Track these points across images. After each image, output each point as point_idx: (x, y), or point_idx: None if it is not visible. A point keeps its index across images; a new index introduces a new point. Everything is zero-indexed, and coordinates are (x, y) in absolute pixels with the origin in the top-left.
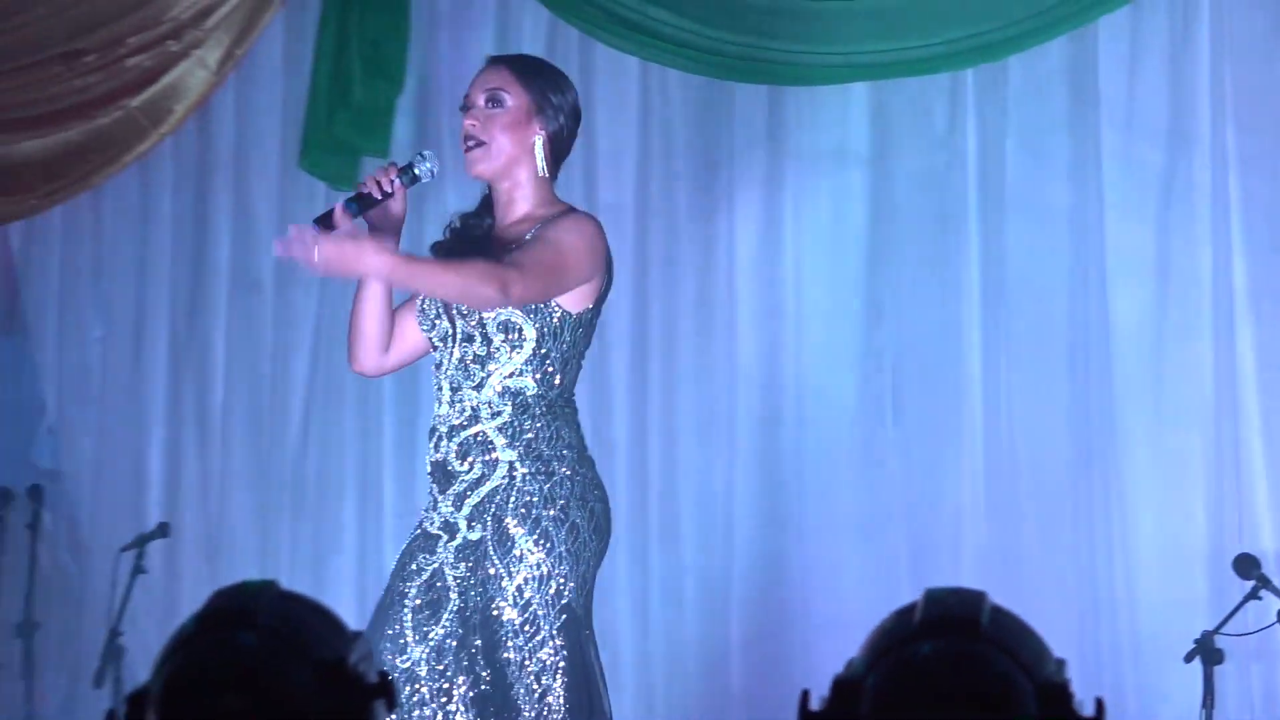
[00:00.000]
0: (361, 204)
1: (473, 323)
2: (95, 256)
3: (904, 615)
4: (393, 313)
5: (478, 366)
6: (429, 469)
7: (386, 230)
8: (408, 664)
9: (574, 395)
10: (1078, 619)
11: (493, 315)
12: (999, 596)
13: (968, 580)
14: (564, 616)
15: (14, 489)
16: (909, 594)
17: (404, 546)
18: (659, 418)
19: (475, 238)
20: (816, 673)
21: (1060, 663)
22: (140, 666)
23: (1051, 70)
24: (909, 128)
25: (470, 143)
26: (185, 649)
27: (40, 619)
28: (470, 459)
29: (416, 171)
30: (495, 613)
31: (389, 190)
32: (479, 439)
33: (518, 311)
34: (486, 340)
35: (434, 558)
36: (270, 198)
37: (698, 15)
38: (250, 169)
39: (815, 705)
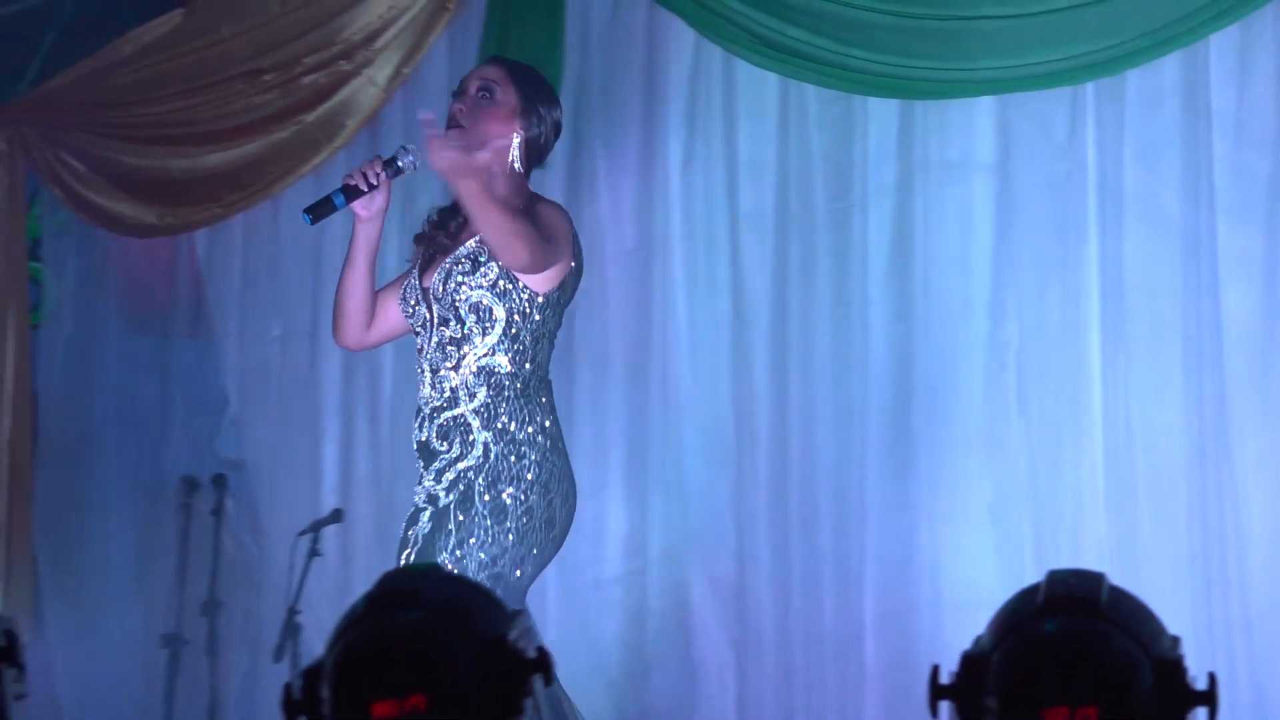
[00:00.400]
0: (349, 195)
1: (447, 306)
2: (273, 261)
3: (1028, 595)
4: (374, 293)
5: (454, 348)
6: (415, 447)
7: (373, 215)
8: None
9: (548, 375)
10: (1191, 600)
11: (464, 298)
12: (1117, 578)
13: (1088, 563)
14: (489, 581)
15: (199, 478)
16: (1032, 576)
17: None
18: (798, 411)
19: (450, 230)
20: (946, 649)
21: (1175, 639)
22: (316, 643)
23: (1165, 84)
24: (1032, 139)
25: (454, 123)
26: (355, 627)
27: (223, 599)
28: (450, 440)
29: (400, 164)
30: (432, 554)
31: (374, 182)
32: (458, 421)
33: (488, 293)
34: (460, 322)
35: (416, 527)
36: (434, 204)
37: (833, 34)
38: (416, 179)
39: (945, 679)
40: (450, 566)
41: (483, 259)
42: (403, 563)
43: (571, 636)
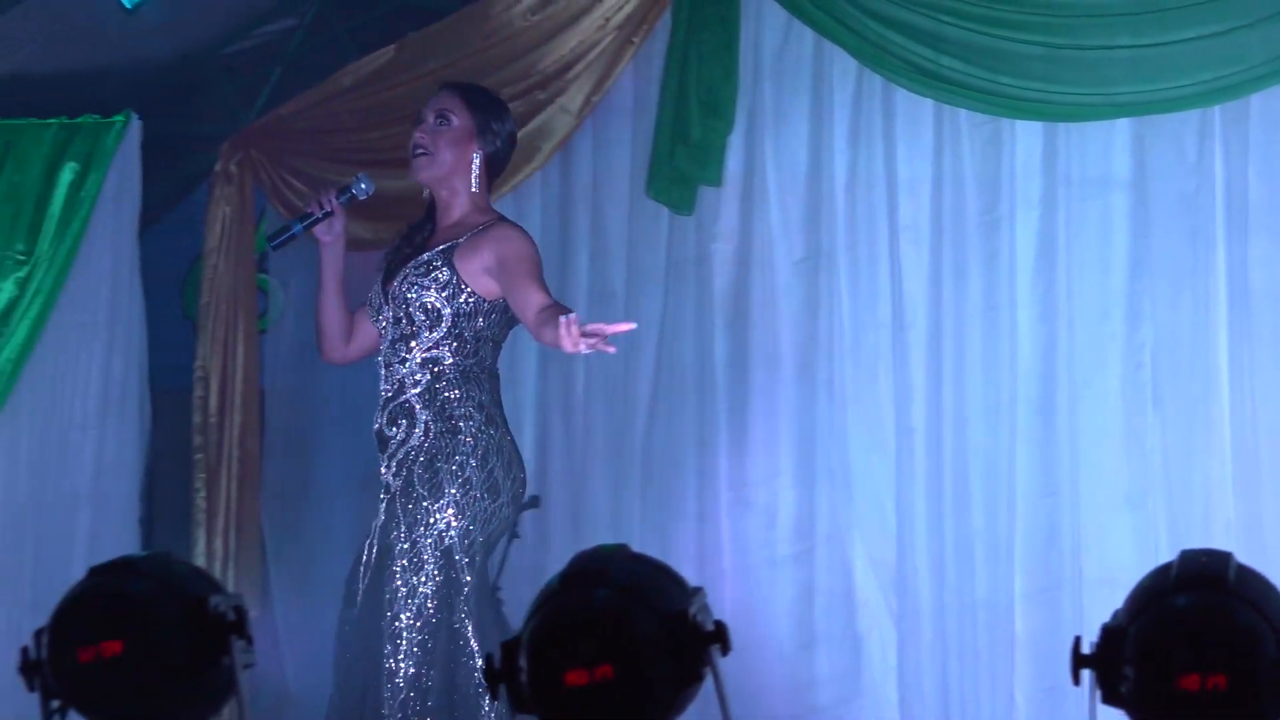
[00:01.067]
0: (305, 221)
1: (400, 306)
2: None
3: (1162, 572)
4: (349, 312)
5: (403, 344)
6: (374, 436)
7: (334, 239)
8: (356, 613)
9: (496, 369)
10: None
11: (415, 297)
12: (1244, 558)
13: (1217, 545)
14: (447, 559)
15: None
16: (1166, 556)
17: None
18: (952, 405)
19: (418, 242)
20: (1088, 622)
21: None
22: (516, 617)
23: None
24: (1164, 157)
25: (418, 151)
26: (550, 603)
27: None
28: (398, 424)
29: (353, 191)
30: (388, 546)
31: (328, 208)
32: (404, 406)
33: (440, 296)
34: (410, 320)
35: (377, 520)
36: (621, 221)
37: (984, 64)
38: (604, 197)
39: (1086, 650)
40: (404, 556)
41: (436, 265)
42: (366, 551)
43: (746, 611)
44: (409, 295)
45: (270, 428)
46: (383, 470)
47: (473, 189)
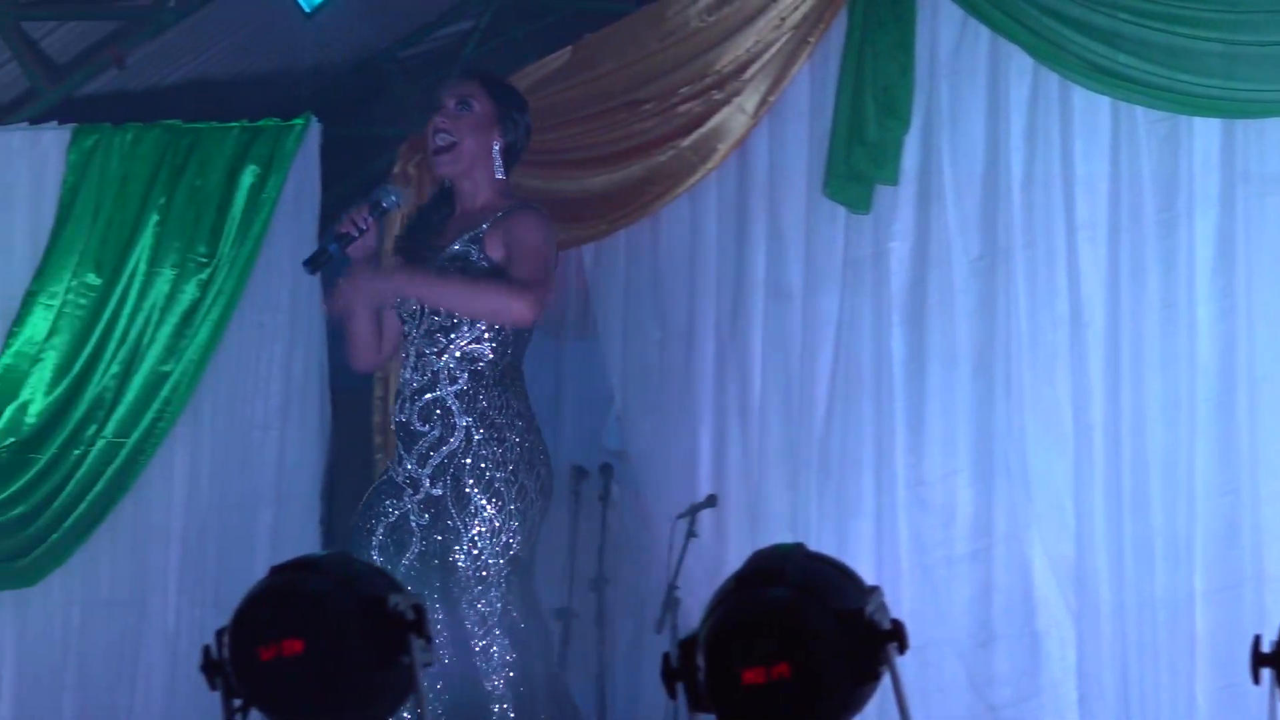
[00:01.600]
0: (342, 242)
1: None
2: (653, 272)
3: None
4: (378, 318)
5: (441, 335)
6: (394, 428)
7: (367, 255)
8: None
9: (522, 366)
10: None
11: None
12: None
13: None
14: (510, 567)
15: (588, 467)
16: None
17: (370, 490)
18: (1130, 403)
19: (432, 224)
20: (1268, 620)
21: None
22: (693, 616)
23: None
24: None
25: (441, 139)
26: (727, 601)
27: (610, 576)
28: (431, 421)
29: (384, 205)
30: (452, 560)
31: (364, 227)
32: (439, 403)
33: None
34: (449, 311)
35: (400, 504)
36: (798, 220)
37: (1162, 61)
38: (781, 196)
39: (1266, 648)
40: (467, 566)
41: (473, 256)
42: (376, 535)
43: (924, 609)
44: None
45: None
46: (410, 465)
47: (496, 176)
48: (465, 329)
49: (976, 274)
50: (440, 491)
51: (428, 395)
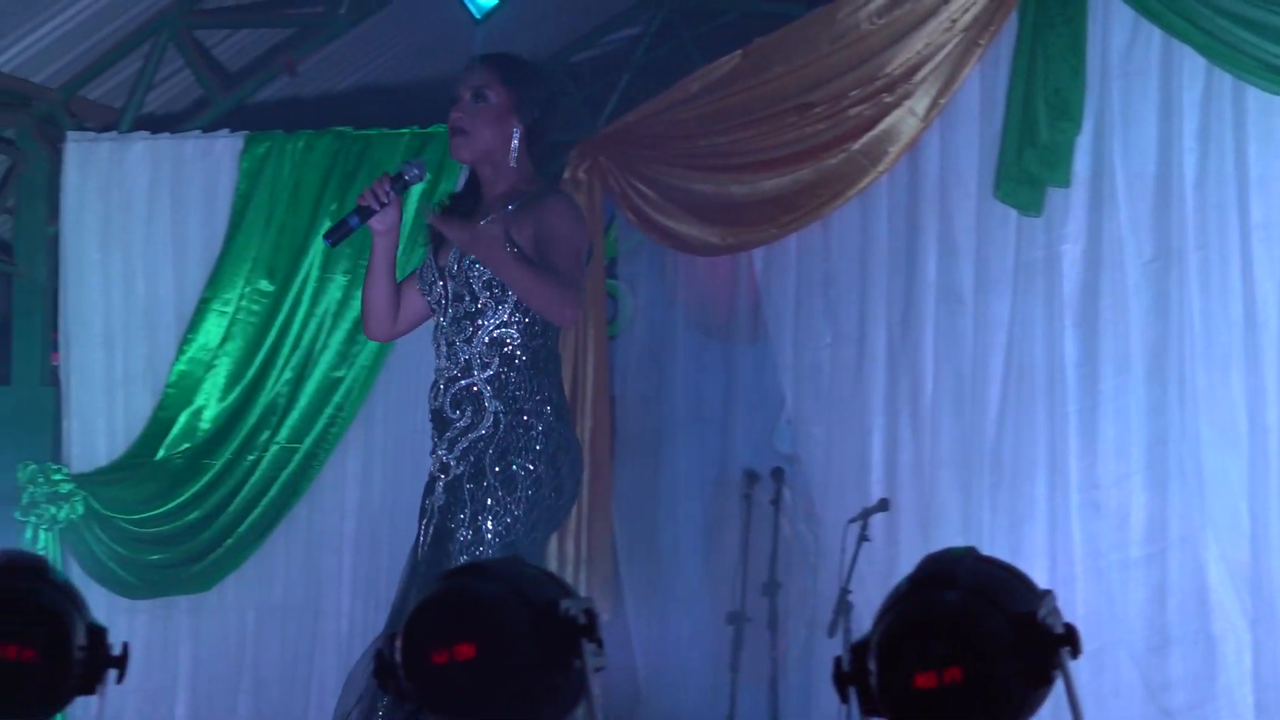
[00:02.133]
0: (363, 215)
1: (462, 282)
2: (824, 275)
3: None
4: (397, 287)
5: (469, 322)
6: (430, 416)
7: (388, 229)
8: (399, 594)
9: (558, 351)
10: None
11: (479, 273)
12: None
13: None
14: (505, 550)
15: (759, 471)
16: None
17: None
18: None
19: (464, 211)
20: None
21: None
22: (865, 619)
23: None
24: None
25: (456, 131)
26: (899, 605)
27: (782, 580)
28: (463, 408)
29: (406, 178)
30: (451, 527)
31: (385, 200)
32: (471, 390)
33: None
34: (474, 297)
35: (433, 498)
36: (969, 223)
37: None
38: (952, 199)
39: None
40: (465, 539)
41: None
42: (423, 533)
43: (1098, 613)
44: (471, 272)
45: (620, 432)
46: (441, 452)
47: (512, 164)
48: (490, 314)
49: (1149, 276)
50: (462, 470)
51: (461, 382)
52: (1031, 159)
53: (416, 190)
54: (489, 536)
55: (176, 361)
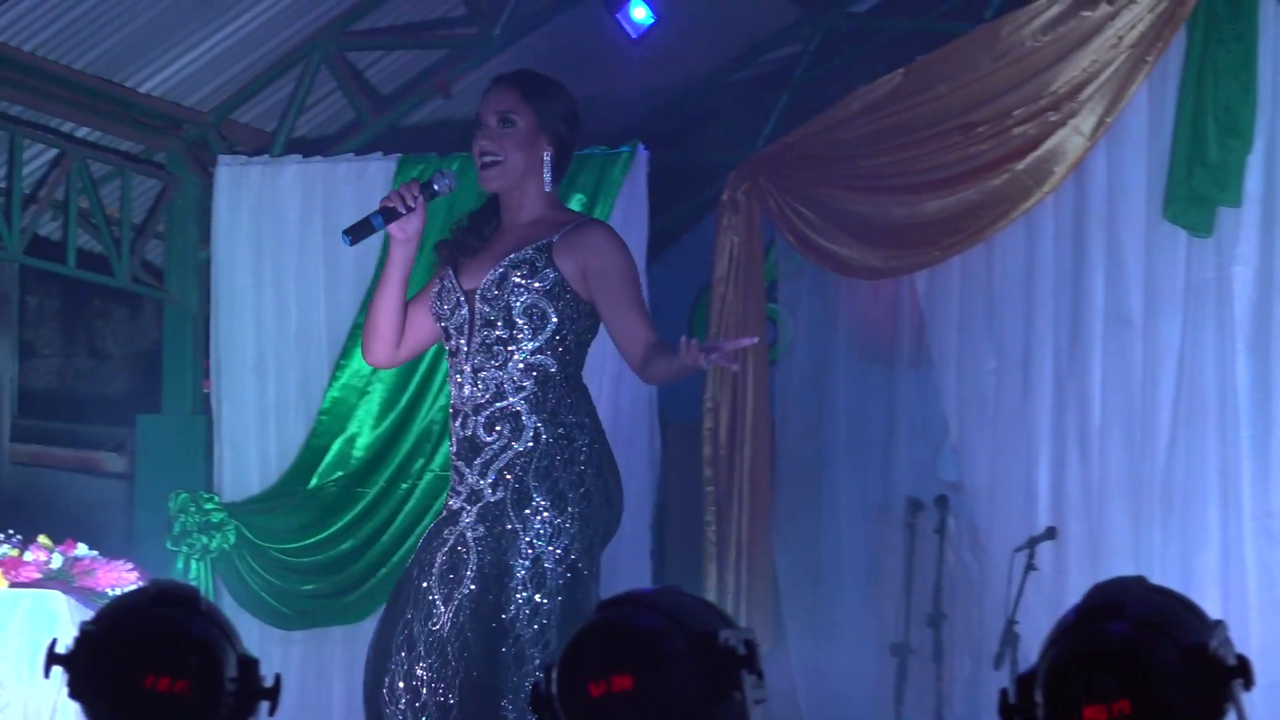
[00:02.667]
0: (387, 216)
1: (498, 308)
2: (988, 299)
3: None
4: (405, 309)
5: (500, 348)
6: (454, 449)
7: (408, 238)
8: (437, 627)
9: (582, 377)
10: None
11: (519, 300)
12: None
13: None
14: (569, 575)
15: (923, 499)
16: None
17: (430, 527)
18: None
19: (484, 235)
20: None
21: None
22: (1034, 651)
23: None
24: None
25: (486, 159)
26: (1066, 636)
27: (947, 611)
28: (498, 429)
29: (436, 187)
30: (509, 564)
31: (412, 205)
32: (506, 411)
33: (544, 298)
34: (509, 324)
35: (457, 527)
36: (1138, 245)
37: None
38: (1120, 220)
39: None
40: (524, 573)
41: (540, 264)
42: (435, 566)
43: (1273, 644)
44: (512, 297)
45: (781, 458)
46: (472, 479)
47: (547, 188)
48: (526, 341)
49: None
50: (500, 495)
51: (495, 406)
52: (1201, 178)
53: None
54: (559, 571)
55: (330, 388)
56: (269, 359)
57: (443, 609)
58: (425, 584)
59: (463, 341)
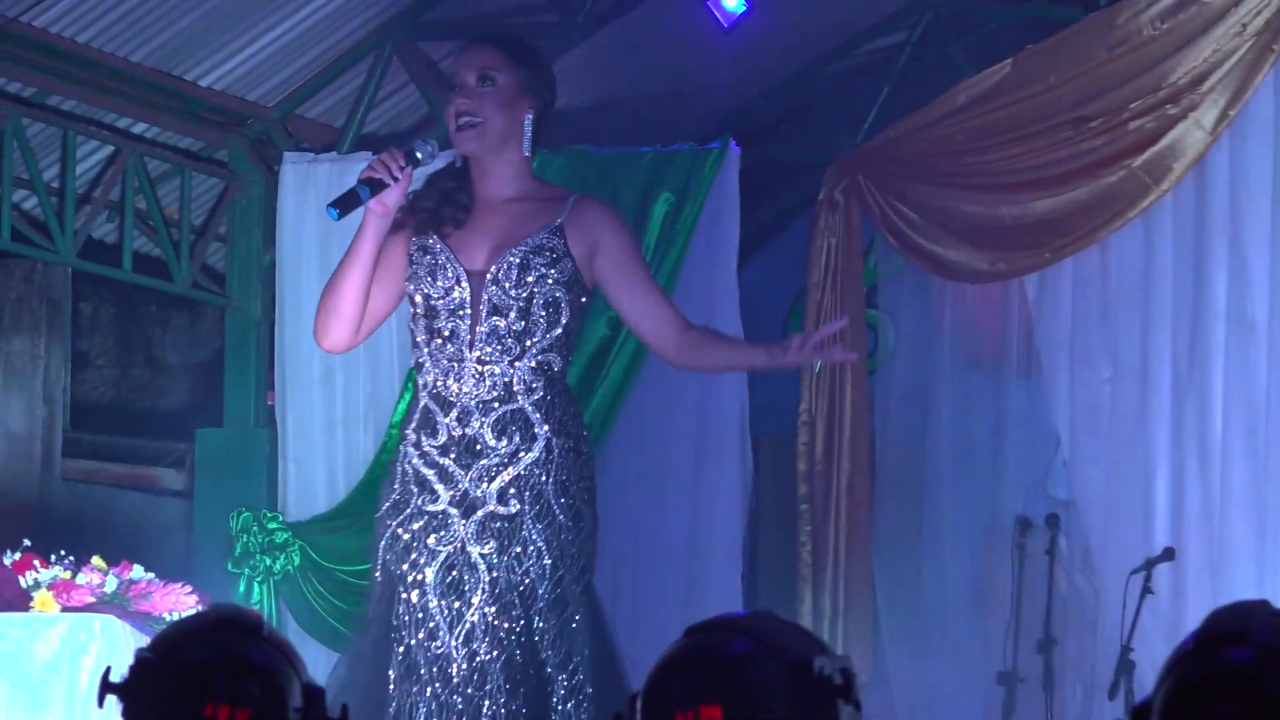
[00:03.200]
0: (373, 187)
1: (517, 296)
2: (1103, 303)
3: None
4: (368, 289)
5: (513, 341)
6: (443, 444)
7: (385, 211)
8: (441, 649)
9: None
10: None
11: (542, 290)
12: None
13: None
14: (585, 595)
15: (1032, 518)
16: None
17: (392, 530)
18: None
19: (463, 205)
20: None
21: None
22: (1150, 680)
23: None
24: None
25: (464, 119)
26: (1184, 664)
27: (1058, 636)
28: (508, 435)
29: (419, 155)
30: (530, 585)
31: (396, 176)
32: (517, 415)
33: (562, 288)
34: (524, 315)
35: (448, 536)
36: (1262, 245)
37: None
38: (1243, 219)
39: None
40: (550, 596)
41: (558, 251)
42: (429, 585)
43: None
44: (537, 287)
45: (881, 474)
46: (464, 486)
47: (526, 153)
48: (539, 334)
49: None
50: (515, 508)
51: (503, 408)
52: None
53: (659, 212)
54: (578, 591)
55: (400, 400)
56: (336, 370)
57: (447, 632)
58: (420, 601)
59: (459, 325)
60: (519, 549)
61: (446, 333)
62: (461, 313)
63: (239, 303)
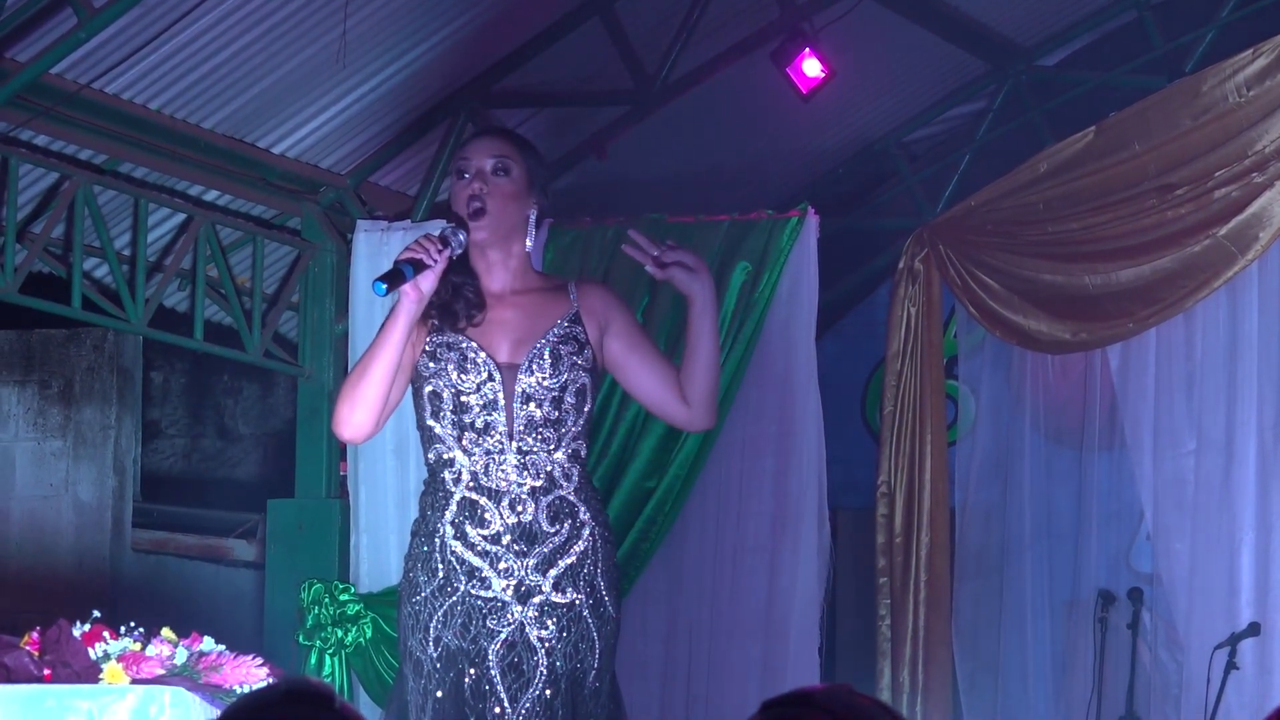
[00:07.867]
0: (416, 267)
1: (552, 385)
2: (1187, 375)
3: None
4: (394, 374)
5: (549, 430)
6: (494, 533)
7: (421, 296)
8: None
9: None
10: None
11: (574, 377)
12: None
13: None
14: (612, 675)
15: (1115, 591)
16: None
17: (444, 608)
18: None
19: (470, 300)
20: None
21: None
22: None
23: None
24: None
25: (476, 204)
26: None
27: (1141, 713)
28: (559, 522)
29: (453, 245)
30: (585, 671)
31: (435, 259)
32: (564, 503)
33: (587, 374)
34: (557, 404)
35: (507, 619)
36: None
37: None
38: None
39: None
40: (595, 686)
41: (581, 339)
42: (490, 662)
43: None
44: (569, 376)
45: (961, 548)
46: (520, 573)
47: (528, 249)
48: (570, 422)
49: None
50: (572, 598)
51: (551, 495)
52: None
53: (737, 280)
54: (609, 679)
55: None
56: (409, 440)
57: (509, 709)
58: (484, 675)
59: (495, 418)
60: (578, 636)
61: (480, 425)
62: (494, 405)
63: (311, 372)
